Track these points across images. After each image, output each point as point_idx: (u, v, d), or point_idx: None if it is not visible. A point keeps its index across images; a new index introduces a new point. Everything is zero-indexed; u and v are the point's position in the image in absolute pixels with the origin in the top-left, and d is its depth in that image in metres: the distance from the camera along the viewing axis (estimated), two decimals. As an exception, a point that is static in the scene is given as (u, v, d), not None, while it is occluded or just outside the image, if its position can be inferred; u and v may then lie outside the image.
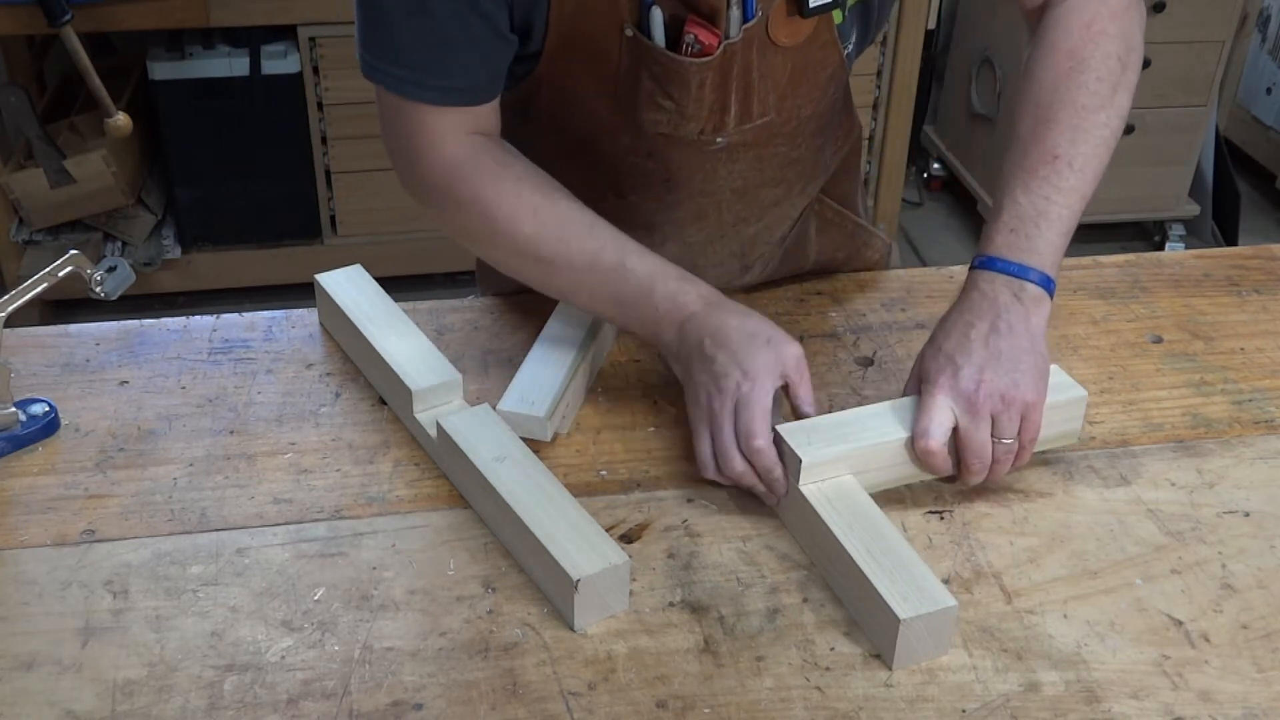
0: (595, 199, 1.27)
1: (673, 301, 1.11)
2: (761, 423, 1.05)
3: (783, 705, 0.93)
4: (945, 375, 1.06)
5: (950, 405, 1.05)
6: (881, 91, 3.18)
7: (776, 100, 1.21)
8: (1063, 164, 1.11)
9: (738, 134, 1.21)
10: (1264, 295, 1.42)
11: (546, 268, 1.15)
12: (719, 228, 1.32)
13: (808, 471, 1.05)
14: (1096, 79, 1.15)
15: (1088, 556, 1.06)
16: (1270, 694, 0.95)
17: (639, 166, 1.25)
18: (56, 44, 2.78)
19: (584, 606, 0.97)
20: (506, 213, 1.14)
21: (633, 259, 1.13)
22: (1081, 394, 1.13)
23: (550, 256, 1.14)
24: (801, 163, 1.31)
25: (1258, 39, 3.58)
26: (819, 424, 1.08)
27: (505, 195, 1.14)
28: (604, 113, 1.20)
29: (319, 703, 0.92)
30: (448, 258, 3.08)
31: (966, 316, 1.09)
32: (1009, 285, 1.09)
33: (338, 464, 1.14)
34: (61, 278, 1.14)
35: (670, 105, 1.17)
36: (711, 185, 1.26)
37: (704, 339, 1.09)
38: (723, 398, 1.06)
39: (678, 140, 1.21)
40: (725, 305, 1.11)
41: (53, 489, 1.11)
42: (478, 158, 1.15)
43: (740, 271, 1.39)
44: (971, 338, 1.07)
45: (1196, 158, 3.36)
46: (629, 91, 1.17)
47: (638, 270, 1.12)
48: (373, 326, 1.22)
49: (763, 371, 1.06)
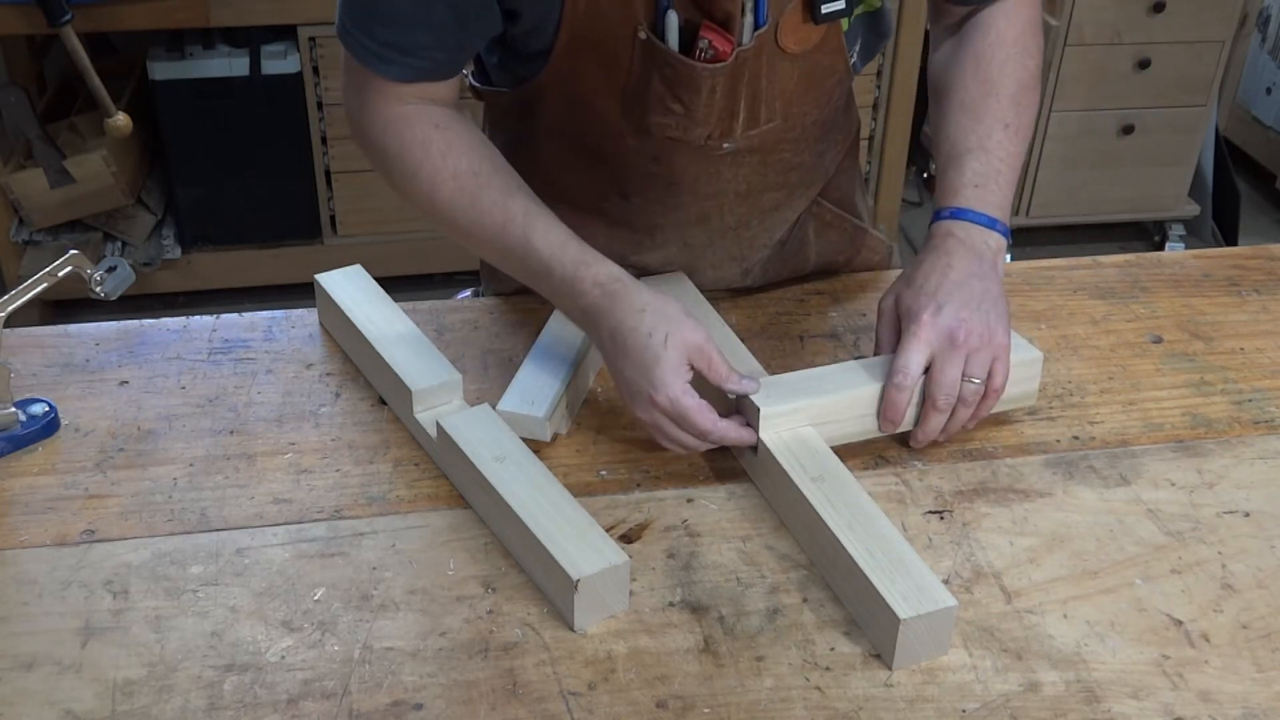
0: (598, 199, 1.27)
1: (570, 287, 1.11)
2: (702, 421, 1.07)
3: (783, 705, 0.93)
4: (928, 312, 1.11)
5: (930, 344, 1.10)
6: (881, 91, 3.18)
7: (784, 107, 1.21)
8: (1011, 132, 1.21)
9: (744, 139, 1.21)
10: (1264, 295, 1.42)
11: (464, 235, 1.16)
12: (720, 229, 1.32)
13: (766, 422, 1.09)
14: (1036, 65, 1.25)
15: (1088, 556, 1.06)
16: (1270, 694, 0.95)
17: (645, 170, 1.25)
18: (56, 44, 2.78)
19: (584, 606, 0.97)
20: (429, 173, 1.14)
21: (537, 235, 1.12)
22: (1037, 355, 1.18)
23: (465, 225, 1.15)
24: (804, 167, 1.31)
25: (1258, 39, 3.58)
26: (780, 379, 1.14)
27: (431, 156, 1.14)
28: (612, 115, 1.20)
29: (319, 703, 0.92)
30: (448, 258, 3.08)
31: (945, 259, 1.14)
32: (981, 234, 1.16)
33: (338, 464, 1.14)
34: (61, 278, 1.14)
35: (680, 109, 1.17)
36: (716, 188, 1.27)
37: (604, 341, 1.10)
38: (652, 412, 1.08)
39: (685, 145, 1.21)
40: (619, 296, 1.09)
41: (53, 489, 1.11)
42: (417, 117, 1.15)
43: (740, 275, 1.39)
44: (951, 279, 1.12)
45: (1196, 158, 3.36)
46: (638, 94, 1.17)
47: (539, 249, 1.11)
48: (373, 326, 1.22)
49: (670, 379, 1.06)
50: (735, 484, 1.13)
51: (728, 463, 1.15)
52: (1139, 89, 3.18)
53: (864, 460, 1.15)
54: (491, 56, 1.27)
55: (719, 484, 1.13)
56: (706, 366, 1.09)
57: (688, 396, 1.06)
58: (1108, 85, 3.16)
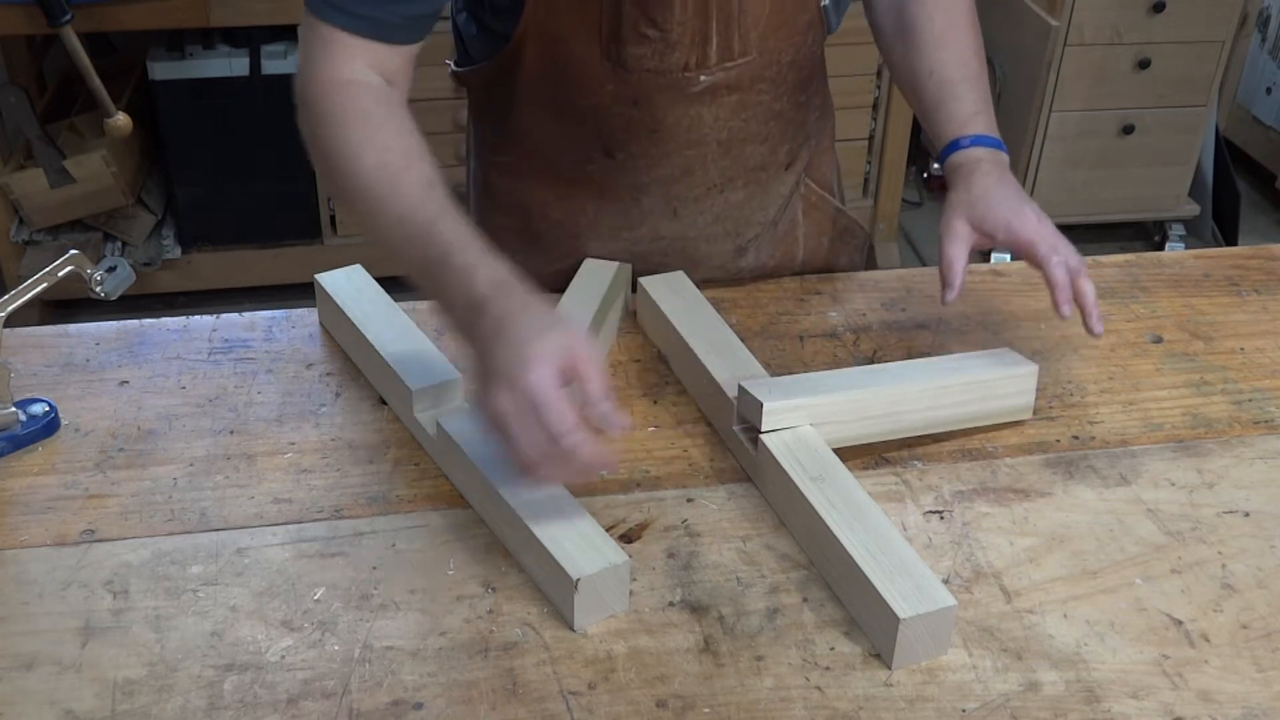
0: (584, 162, 1.29)
1: (466, 274, 1.04)
2: (560, 417, 0.95)
3: (783, 705, 0.93)
4: (1029, 212, 1.19)
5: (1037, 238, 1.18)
6: (881, 91, 3.18)
7: (758, 39, 1.24)
8: (981, 58, 1.32)
9: (720, 72, 1.24)
10: (1264, 295, 1.42)
11: (373, 210, 1.11)
12: (705, 185, 1.34)
13: (768, 418, 1.09)
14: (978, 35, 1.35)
15: (1088, 556, 1.06)
16: (1270, 694, 0.95)
17: (625, 116, 1.27)
18: (56, 44, 2.78)
19: (584, 606, 0.97)
20: (359, 140, 1.11)
21: (446, 223, 1.07)
22: (1033, 368, 1.21)
23: (377, 198, 1.10)
24: (783, 117, 1.33)
25: (1258, 39, 3.58)
26: (781, 380, 1.16)
27: (363, 126, 1.12)
28: (590, 57, 1.23)
29: (319, 703, 0.92)
30: (448, 258, 3.07)
31: (994, 180, 1.22)
32: (999, 156, 1.25)
33: (338, 464, 1.14)
34: (61, 278, 1.14)
35: (655, 34, 1.20)
36: (697, 134, 1.29)
37: (486, 326, 1.01)
38: (510, 398, 0.96)
39: (663, 81, 1.23)
40: (514, 291, 1.02)
41: (53, 489, 1.11)
42: (364, 89, 1.14)
43: (735, 254, 1.40)
44: (1013, 194, 1.21)
45: (1196, 158, 3.36)
46: (613, 26, 1.20)
47: (443, 234, 1.06)
48: (373, 326, 1.22)
49: (540, 365, 0.96)
50: (735, 484, 1.13)
51: (728, 462, 1.15)
52: (1139, 89, 3.18)
53: (864, 460, 1.15)
54: (470, 27, 1.30)
55: (719, 484, 1.13)
56: (585, 375, 0.98)
57: (552, 388, 0.96)
58: (1108, 85, 3.15)
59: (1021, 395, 1.20)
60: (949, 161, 1.25)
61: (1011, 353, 1.23)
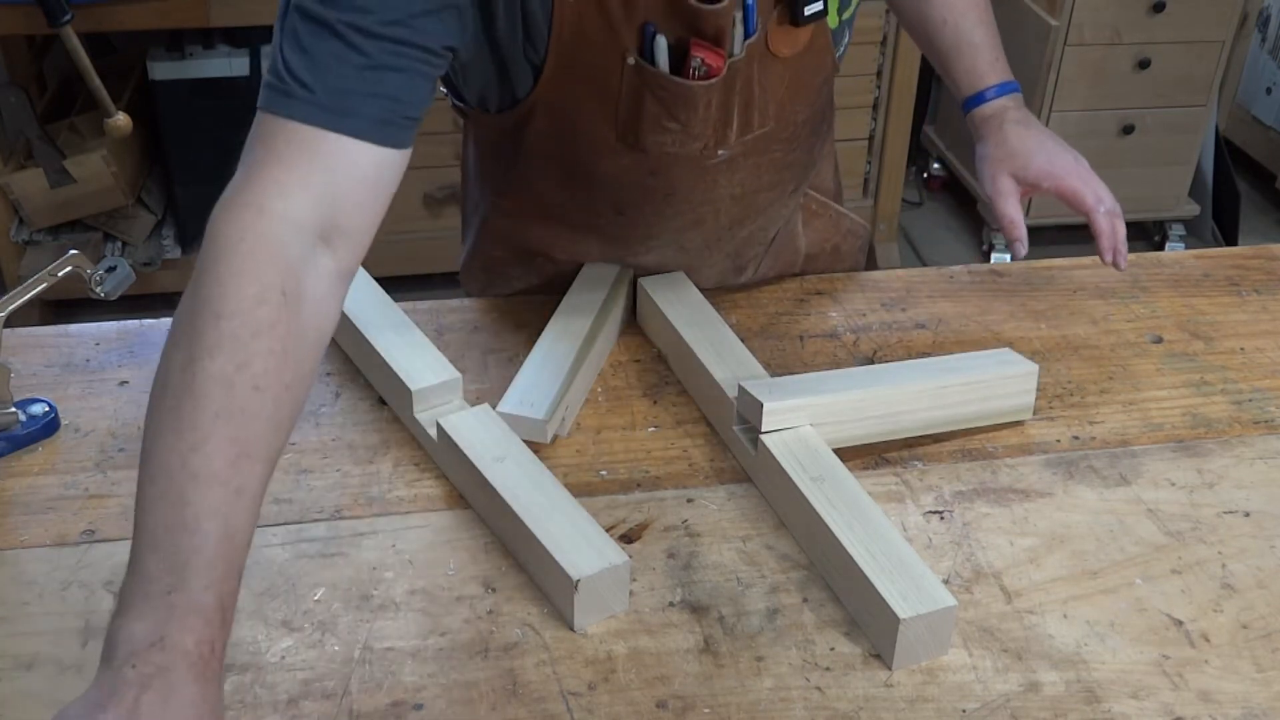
0: (592, 217, 1.26)
1: (142, 610, 0.78)
2: None
3: (783, 705, 0.93)
4: (1070, 159, 1.29)
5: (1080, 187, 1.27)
6: (881, 91, 3.18)
7: (776, 110, 1.21)
8: (990, 14, 1.38)
9: (739, 146, 1.21)
10: (1264, 295, 1.42)
11: (167, 409, 0.84)
12: (716, 231, 1.32)
13: (768, 418, 1.09)
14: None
15: (1088, 556, 1.06)
16: (1270, 694, 0.95)
17: (640, 184, 1.23)
18: (56, 44, 2.78)
19: (584, 606, 0.97)
20: (218, 338, 0.85)
21: (193, 510, 0.80)
22: (1033, 368, 1.21)
23: (175, 396, 0.84)
24: (796, 165, 1.31)
25: (1258, 39, 3.58)
26: (781, 380, 1.16)
27: (243, 318, 0.86)
28: (605, 136, 1.17)
29: (319, 703, 0.92)
30: (448, 258, 3.06)
31: (1026, 128, 1.29)
32: (1020, 100, 1.32)
33: (338, 464, 1.14)
34: (61, 278, 1.14)
35: (676, 127, 1.16)
36: (712, 195, 1.26)
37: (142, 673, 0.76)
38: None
39: (681, 158, 1.20)
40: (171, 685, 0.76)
41: (53, 489, 1.11)
42: (284, 250, 0.93)
43: (735, 272, 1.39)
44: (1048, 140, 1.30)
45: (1196, 158, 3.36)
46: (632, 116, 1.15)
47: (195, 504, 0.80)
48: (373, 326, 1.22)
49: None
50: (735, 484, 1.13)
51: (728, 463, 1.15)
52: (1139, 89, 3.18)
53: (864, 460, 1.15)
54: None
55: (719, 484, 1.13)
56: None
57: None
58: (1108, 85, 3.15)
59: (1021, 395, 1.20)
60: (976, 113, 1.31)
61: (1011, 353, 1.23)
